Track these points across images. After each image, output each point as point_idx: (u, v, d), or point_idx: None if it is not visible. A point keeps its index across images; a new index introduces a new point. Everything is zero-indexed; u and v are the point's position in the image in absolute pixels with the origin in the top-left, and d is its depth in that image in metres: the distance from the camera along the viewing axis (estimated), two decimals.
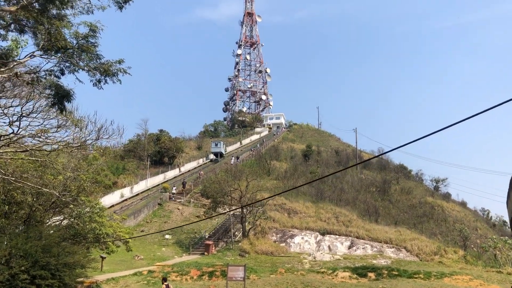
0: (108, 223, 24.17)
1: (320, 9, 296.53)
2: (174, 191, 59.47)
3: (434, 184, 80.00)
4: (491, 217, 77.11)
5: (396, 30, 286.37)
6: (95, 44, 14.22)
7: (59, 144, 15.90)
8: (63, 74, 14.28)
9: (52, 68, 14.21)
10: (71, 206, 21.23)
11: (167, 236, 45.81)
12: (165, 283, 23.05)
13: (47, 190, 18.13)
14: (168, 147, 77.10)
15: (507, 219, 68.98)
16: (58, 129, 17.08)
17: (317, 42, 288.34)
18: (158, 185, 62.23)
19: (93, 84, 14.67)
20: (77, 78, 14.45)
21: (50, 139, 17.40)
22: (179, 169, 73.00)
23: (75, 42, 13.90)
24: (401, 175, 78.87)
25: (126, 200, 54.11)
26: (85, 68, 13.98)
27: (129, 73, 15.03)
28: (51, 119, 16.89)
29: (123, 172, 65.30)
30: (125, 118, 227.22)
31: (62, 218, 22.78)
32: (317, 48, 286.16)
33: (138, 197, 56.32)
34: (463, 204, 73.45)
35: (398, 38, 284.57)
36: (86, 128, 17.89)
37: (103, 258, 30.88)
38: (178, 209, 53.27)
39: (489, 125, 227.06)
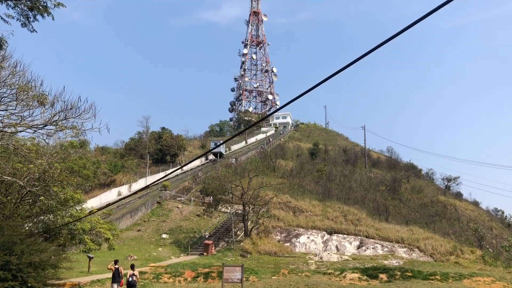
0: (87, 218, 21.67)
1: (323, 11, 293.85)
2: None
3: (446, 183, 77.27)
4: (506, 216, 74.15)
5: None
6: None
7: (13, 124, 13.36)
8: None
9: None
10: (41, 198, 18.77)
11: (164, 236, 43.36)
12: (115, 266, 21.13)
13: (9, 178, 15.66)
14: (169, 144, 74.58)
15: None
16: (17, 104, 14.57)
17: (321, 42, 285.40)
18: (158, 183, 59.79)
19: (22, 24, 12.13)
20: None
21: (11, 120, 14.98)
22: (181, 168, 70.51)
23: None
24: (411, 173, 76.33)
25: (123, 198, 51.70)
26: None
27: (63, 4, 12.36)
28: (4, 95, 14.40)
29: (122, 170, 62.96)
30: (131, 119, 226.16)
31: (35, 211, 20.27)
32: (322, 48, 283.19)
33: (137, 196, 53.93)
34: (475, 203, 70.67)
35: (401, 38, 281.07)
36: (53, 107, 15.44)
37: (90, 258, 28.39)
38: (178, 207, 50.82)
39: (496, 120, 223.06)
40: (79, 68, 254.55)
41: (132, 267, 21.25)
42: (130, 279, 20.29)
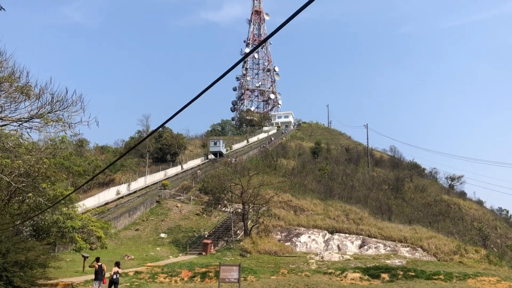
0: (78, 216, 20.98)
1: (323, 11, 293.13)
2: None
3: (449, 182, 76.43)
4: (510, 216, 73.30)
5: (401, 30, 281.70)
6: None
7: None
8: None
9: None
10: (30, 195, 18.09)
11: (162, 235, 42.64)
12: (99, 263, 20.63)
13: None
14: (170, 143, 73.89)
15: None
16: (1, 96, 13.91)
17: (323, 42, 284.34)
18: (158, 182, 59.19)
19: None
20: None
21: None
22: (181, 166, 69.93)
23: None
24: (414, 172, 75.52)
25: (122, 197, 51.14)
26: None
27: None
28: None
29: (121, 169, 62.36)
30: (131, 119, 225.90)
31: (24, 209, 19.57)
32: (324, 47, 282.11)
33: (136, 195, 53.33)
34: (479, 203, 69.80)
35: (401, 38, 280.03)
36: (39, 100, 14.77)
37: (85, 257, 27.70)
38: (177, 206, 50.12)
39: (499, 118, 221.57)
40: (80, 69, 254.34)
41: (117, 264, 20.69)
42: (114, 276, 19.72)
